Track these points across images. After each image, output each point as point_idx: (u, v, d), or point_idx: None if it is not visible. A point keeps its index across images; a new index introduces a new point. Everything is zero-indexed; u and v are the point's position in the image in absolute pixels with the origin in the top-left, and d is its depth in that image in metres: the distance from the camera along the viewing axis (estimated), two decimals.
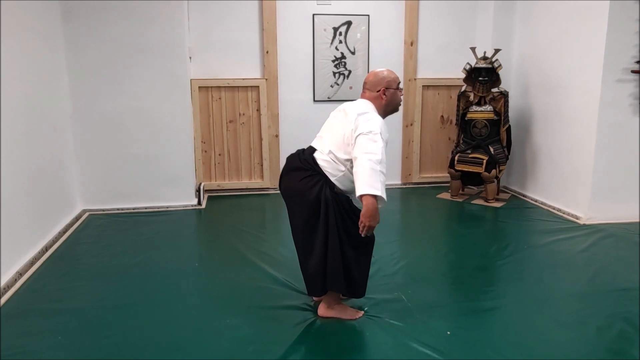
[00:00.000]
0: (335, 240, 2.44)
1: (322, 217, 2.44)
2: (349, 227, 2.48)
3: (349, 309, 2.65)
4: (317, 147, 2.58)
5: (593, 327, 2.54)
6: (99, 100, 4.37)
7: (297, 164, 2.56)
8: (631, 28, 3.88)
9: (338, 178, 2.49)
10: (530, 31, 4.89)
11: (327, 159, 2.50)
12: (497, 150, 4.76)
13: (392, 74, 2.63)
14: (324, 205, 2.43)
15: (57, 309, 2.73)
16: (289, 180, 2.58)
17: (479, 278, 3.16)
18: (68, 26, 4.21)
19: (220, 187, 5.10)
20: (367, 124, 2.40)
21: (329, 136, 2.55)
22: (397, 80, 2.63)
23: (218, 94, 4.93)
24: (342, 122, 2.50)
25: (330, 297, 2.62)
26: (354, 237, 2.47)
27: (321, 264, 2.48)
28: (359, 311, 2.66)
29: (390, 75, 2.61)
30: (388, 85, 2.58)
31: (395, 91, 2.60)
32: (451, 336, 2.45)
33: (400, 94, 2.65)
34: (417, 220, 4.59)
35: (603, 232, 3.92)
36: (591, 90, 4.05)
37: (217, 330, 2.52)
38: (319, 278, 2.51)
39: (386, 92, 2.58)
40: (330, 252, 2.45)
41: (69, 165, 4.30)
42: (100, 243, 3.76)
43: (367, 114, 2.47)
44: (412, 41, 5.15)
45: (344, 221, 2.48)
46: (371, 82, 2.60)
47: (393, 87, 2.60)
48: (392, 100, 2.61)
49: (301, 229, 2.55)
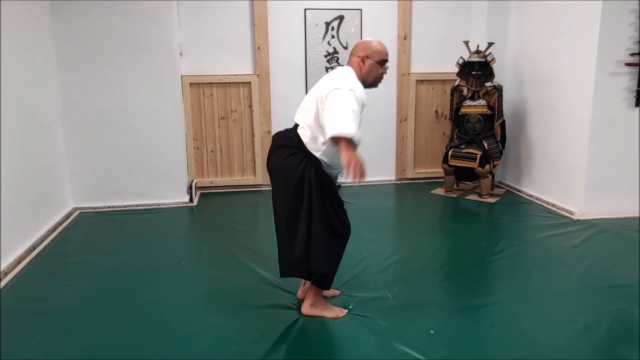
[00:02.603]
0: (318, 224, 2.40)
1: (306, 200, 2.40)
2: (331, 216, 2.46)
3: (333, 308, 2.62)
4: (299, 121, 2.51)
5: (581, 325, 2.50)
6: (89, 97, 4.34)
7: (283, 141, 2.52)
8: (625, 20, 3.82)
9: (323, 152, 2.43)
10: (524, 25, 4.82)
11: (308, 134, 2.44)
12: (491, 145, 4.71)
13: (379, 46, 2.50)
14: (307, 186, 2.40)
15: (39, 309, 2.71)
16: (275, 158, 2.54)
17: (468, 275, 3.12)
18: (56, 23, 4.18)
19: (213, 184, 5.08)
20: (338, 82, 2.33)
21: (306, 106, 2.49)
22: (382, 54, 2.49)
23: (209, 90, 4.89)
24: (319, 87, 2.45)
25: (314, 295, 2.59)
26: (335, 228, 2.46)
27: (305, 249, 2.45)
28: (343, 310, 2.63)
29: (376, 47, 2.49)
30: (369, 54, 2.47)
31: (374, 64, 2.47)
32: (435, 335, 2.41)
33: (382, 71, 2.51)
34: (410, 216, 4.55)
35: (597, 228, 3.88)
36: (585, 83, 3.99)
37: (199, 329, 2.50)
38: (305, 263, 2.48)
39: (365, 61, 2.47)
40: (314, 234, 2.41)
41: (60, 163, 4.28)
42: (90, 241, 3.74)
43: (342, 77, 2.39)
44: (405, 35, 5.10)
45: (326, 209, 2.44)
46: (356, 47, 2.53)
47: (374, 59, 2.47)
48: (369, 72, 2.48)
49: (285, 211, 2.49)
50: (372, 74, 2.49)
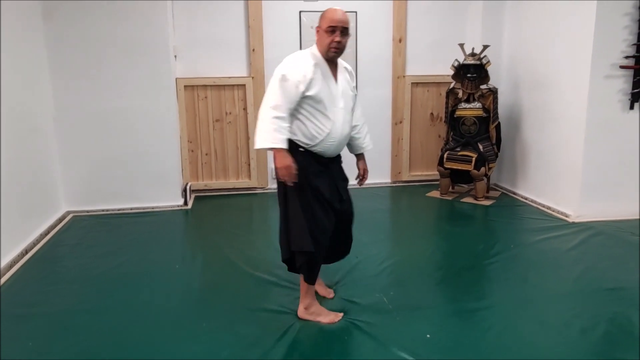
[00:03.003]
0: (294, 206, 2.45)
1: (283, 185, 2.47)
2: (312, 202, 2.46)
3: (328, 313, 2.60)
4: None
5: (577, 328, 2.49)
6: (82, 100, 4.31)
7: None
8: (619, 23, 3.83)
9: (295, 133, 2.43)
10: (519, 28, 4.83)
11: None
12: (487, 147, 4.70)
13: (328, 13, 2.38)
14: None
15: (31, 314, 2.67)
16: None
17: (464, 278, 3.10)
18: (49, 25, 4.14)
19: (207, 187, 5.05)
20: (278, 67, 2.38)
21: None
22: (328, 20, 2.37)
23: (204, 92, 4.87)
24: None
25: (305, 293, 2.59)
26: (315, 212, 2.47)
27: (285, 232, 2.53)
28: (338, 314, 2.61)
29: (325, 14, 2.40)
30: (320, 24, 2.42)
31: (322, 32, 2.38)
32: (431, 339, 2.39)
33: (331, 38, 2.36)
34: (405, 219, 4.54)
35: (592, 230, 3.87)
36: (580, 86, 4.00)
37: (193, 334, 2.47)
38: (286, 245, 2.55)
39: (318, 32, 2.43)
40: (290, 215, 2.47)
41: (53, 166, 4.24)
42: (83, 245, 3.71)
43: (285, 60, 2.41)
44: (400, 38, 5.09)
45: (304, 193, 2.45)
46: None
47: (322, 27, 2.39)
48: (321, 42, 2.41)
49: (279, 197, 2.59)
50: (323, 43, 2.40)
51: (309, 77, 2.36)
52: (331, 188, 2.54)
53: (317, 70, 2.40)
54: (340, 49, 2.42)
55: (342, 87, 2.51)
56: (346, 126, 2.54)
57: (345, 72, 2.58)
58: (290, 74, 2.34)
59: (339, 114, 2.48)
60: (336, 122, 2.47)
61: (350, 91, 2.58)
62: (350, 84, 2.59)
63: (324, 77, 2.43)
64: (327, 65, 2.45)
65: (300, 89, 2.35)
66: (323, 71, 2.43)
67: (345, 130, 2.54)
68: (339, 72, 2.52)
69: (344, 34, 2.40)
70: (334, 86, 2.48)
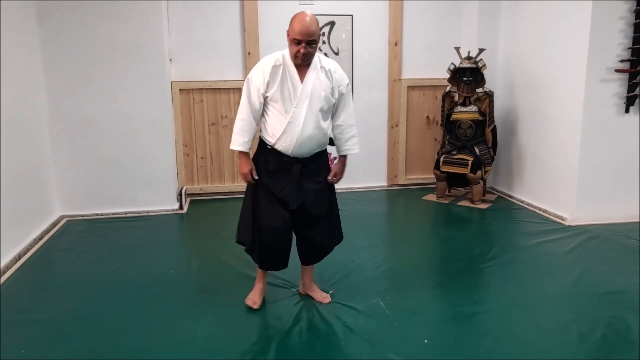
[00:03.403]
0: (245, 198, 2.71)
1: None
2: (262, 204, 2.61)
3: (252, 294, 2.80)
4: None
5: (575, 332, 2.48)
6: (76, 103, 4.28)
7: None
8: (614, 27, 3.84)
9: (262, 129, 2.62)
10: (515, 31, 4.84)
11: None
12: (483, 151, 4.71)
13: (295, 24, 2.40)
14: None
15: (24, 320, 2.64)
16: None
17: (461, 282, 3.09)
18: (43, 28, 4.12)
19: (203, 190, 5.02)
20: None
21: None
22: (295, 33, 2.39)
23: (200, 96, 4.85)
24: None
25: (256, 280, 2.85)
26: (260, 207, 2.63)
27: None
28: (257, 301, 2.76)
29: (292, 24, 2.42)
30: (288, 31, 2.46)
31: (289, 41, 2.44)
32: (428, 344, 2.38)
33: (297, 48, 2.41)
34: (402, 222, 4.53)
35: (588, 234, 3.88)
36: (576, 90, 4.00)
37: (187, 340, 2.45)
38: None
39: (288, 34, 2.46)
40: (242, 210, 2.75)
41: (46, 170, 4.21)
42: (77, 250, 3.67)
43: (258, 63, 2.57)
44: (396, 41, 5.09)
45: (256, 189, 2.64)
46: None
47: (290, 36, 2.44)
48: (289, 48, 2.47)
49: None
50: (291, 50, 2.47)
51: (267, 80, 2.49)
52: (291, 188, 2.57)
53: (277, 72, 2.48)
54: (306, 58, 2.46)
55: (310, 88, 2.50)
56: (310, 127, 2.51)
57: (321, 73, 2.54)
58: (253, 78, 2.53)
59: (300, 115, 2.49)
60: (293, 123, 2.49)
61: (323, 91, 2.53)
62: (325, 84, 2.54)
63: (285, 78, 2.49)
64: (295, 66, 2.49)
65: (261, 92, 2.50)
66: (286, 72, 2.49)
67: (309, 131, 2.51)
68: (310, 73, 2.51)
69: (310, 44, 2.42)
70: (298, 87, 2.49)
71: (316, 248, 2.77)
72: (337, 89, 2.59)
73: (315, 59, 2.54)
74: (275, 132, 2.53)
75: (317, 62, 2.55)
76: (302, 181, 2.60)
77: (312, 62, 2.52)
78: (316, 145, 2.60)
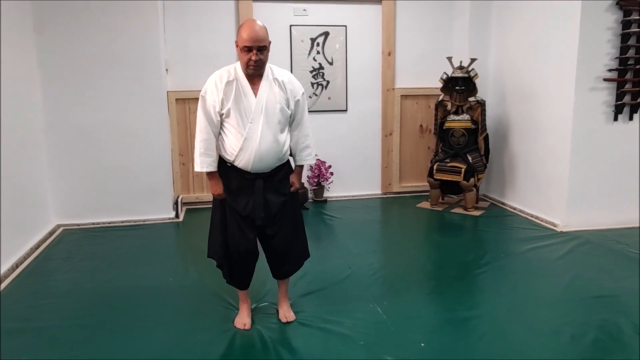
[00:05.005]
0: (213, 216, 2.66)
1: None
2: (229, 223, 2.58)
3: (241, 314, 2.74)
4: None
5: (567, 335, 2.53)
6: (73, 112, 4.31)
7: None
8: (602, 37, 3.94)
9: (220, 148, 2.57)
10: (505, 41, 4.94)
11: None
12: (475, 158, 4.78)
13: (243, 31, 2.36)
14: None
15: (23, 328, 2.65)
16: None
17: (456, 288, 3.14)
18: (41, 39, 4.16)
19: (199, 199, 5.05)
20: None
21: None
22: (243, 40, 2.36)
23: (195, 105, 4.85)
24: None
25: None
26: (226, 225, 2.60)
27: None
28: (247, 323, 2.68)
29: (240, 32, 2.38)
30: (237, 40, 2.41)
31: (239, 50, 2.39)
32: (425, 348, 2.42)
33: (248, 56, 2.37)
34: (396, 230, 4.57)
35: (580, 239, 3.94)
36: (565, 99, 4.09)
37: (187, 348, 2.47)
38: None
39: (237, 45, 2.42)
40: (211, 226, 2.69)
41: (43, 180, 4.22)
42: (74, 259, 3.68)
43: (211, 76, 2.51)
44: (389, 51, 5.18)
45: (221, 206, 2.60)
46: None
47: (239, 45, 2.39)
48: (240, 58, 2.42)
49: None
50: (242, 60, 2.42)
51: (221, 97, 2.43)
52: (255, 205, 2.51)
53: (230, 87, 2.43)
54: (258, 66, 2.41)
55: (264, 102, 2.45)
56: (267, 141, 2.46)
57: (274, 85, 2.49)
58: (207, 96, 2.47)
59: (256, 129, 2.44)
60: (250, 138, 2.44)
61: (278, 104, 2.48)
62: (279, 96, 2.49)
63: (239, 93, 2.43)
64: (247, 80, 2.45)
65: (217, 109, 2.45)
66: (240, 87, 2.43)
67: (266, 145, 2.46)
68: (262, 86, 2.46)
69: (260, 51, 2.38)
70: (252, 101, 2.44)
71: (279, 253, 2.70)
72: (292, 100, 2.54)
73: (268, 70, 2.48)
74: (232, 150, 2.47)
75: (270, 73, 2.49)
76: (266, 195, 2.54)
77: (265, 73, 2.47)
78: (275, 160, 2.54)
